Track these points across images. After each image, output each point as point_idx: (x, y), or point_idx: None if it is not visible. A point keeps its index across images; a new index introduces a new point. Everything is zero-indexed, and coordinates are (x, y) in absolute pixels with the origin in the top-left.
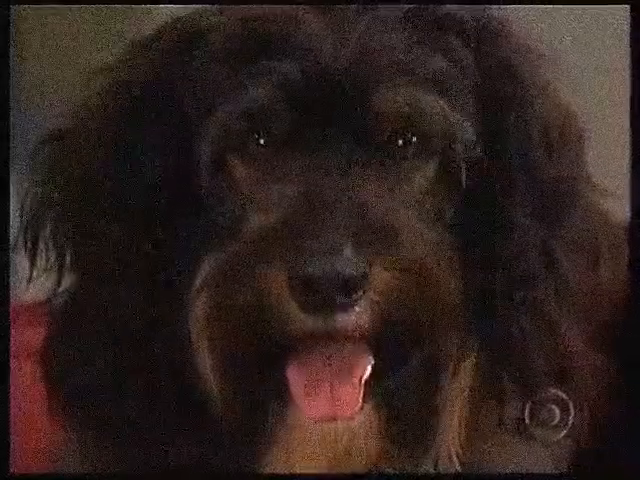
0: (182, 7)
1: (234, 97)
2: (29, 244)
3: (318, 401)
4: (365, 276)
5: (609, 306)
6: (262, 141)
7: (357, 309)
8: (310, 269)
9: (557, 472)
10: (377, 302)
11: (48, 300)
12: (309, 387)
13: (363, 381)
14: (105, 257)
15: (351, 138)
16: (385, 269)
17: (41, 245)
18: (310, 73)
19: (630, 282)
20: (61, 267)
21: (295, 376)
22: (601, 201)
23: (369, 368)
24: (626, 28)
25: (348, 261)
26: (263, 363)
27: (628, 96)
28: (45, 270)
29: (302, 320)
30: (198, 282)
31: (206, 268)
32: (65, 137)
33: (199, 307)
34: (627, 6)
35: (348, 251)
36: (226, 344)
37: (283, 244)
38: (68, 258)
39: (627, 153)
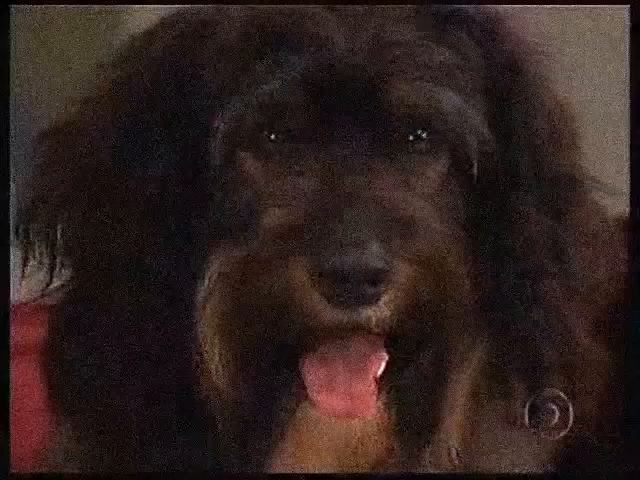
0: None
1: (246, 91)
2: (21, 240)
3: (333, 397)
4: (390, 269)
5: (609, 299)
6: (273, 136)
7: (381, 303)
8: (338, 262)
9: (555, 471)
10: (399, 296)
11: (42, 297)
12: (325, 383)
13: (378, 377)
14: (109, 252)
15: (366, 132)
16: (407, 262)
17: (34, 241)
18: (324, 67)
19: (629, 276)
20: (53, 264)
21: (311, 372)
22: (599, 194)
23: (384, 365)
24: (626, 28)
25: (374, 254)
26: (278, 358)
27: (628, 96)
28: (39, 267)
29: (326, 314)
30: (210, 278)
31: (218, 263)
32: (65, 132)
33: (213, 303)
34: (627, 6)
35: (373, 244)
36: (241, 340)
37: (307, 239)
38: (62, 256)
39: (626, 151)
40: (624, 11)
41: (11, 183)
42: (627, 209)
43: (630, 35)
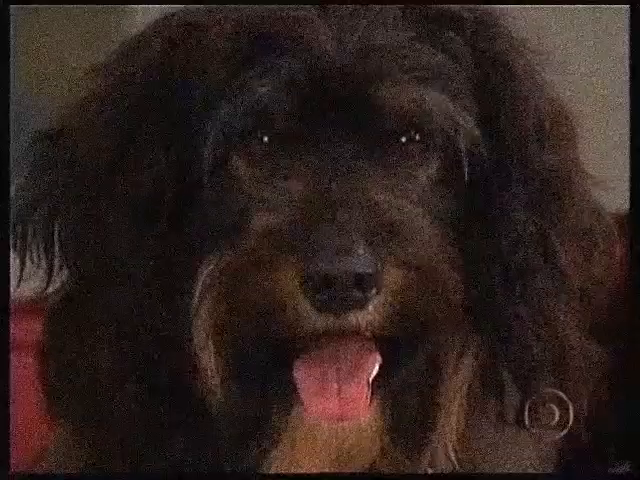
0: (181, 7)
1: (237, 95)
2: (18, 242)
3: (326, 400)
4: (379, 274)
5: (603, 297)
6: (266, 139)
7: (370, 307)
8: (325, 267)
9: (552, 470)
10: (388, 300)
11: (39, 299)
12: (317, 386)
13: (370, 380)
14: (104, 255)
15: (356, 135)
16: (396, 267)
17: (31, 243)
18: (313, 71)
19: (628, 273)
20: (51, 266)
21: (303, 375)
22: (595, 191)
23: (377, 367)
24: (626, 28)
25: (362, 259)
26: (270, 362)
27: (628, 96)
28: (37, 268)
29: (314, 319)
30: (203, 281)
31: (211, 267)
32: (61, 135)
33: (206, 306)
34: (627, 6)
35: (361, 249)
36: (233, 343)
37: (295, 243)
38: (59, 257)
39: (626, 151)
40: (624, 11)
41: (11, 184)
42: (627, 206)
43: (630, 35)
